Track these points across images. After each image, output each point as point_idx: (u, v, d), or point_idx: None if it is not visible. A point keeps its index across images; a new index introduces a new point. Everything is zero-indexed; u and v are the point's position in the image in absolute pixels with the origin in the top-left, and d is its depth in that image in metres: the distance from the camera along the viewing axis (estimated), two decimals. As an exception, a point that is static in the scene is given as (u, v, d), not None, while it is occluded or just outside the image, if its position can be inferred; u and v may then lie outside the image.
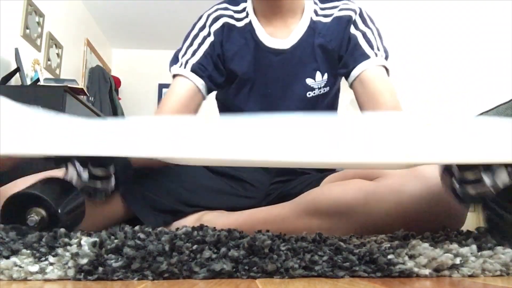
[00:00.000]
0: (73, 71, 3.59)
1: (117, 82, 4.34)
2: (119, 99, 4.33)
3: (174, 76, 0.91)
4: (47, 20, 3.02)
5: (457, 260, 0.42)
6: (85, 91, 2.91)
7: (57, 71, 3.22)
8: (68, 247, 0.41)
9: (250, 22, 0.93)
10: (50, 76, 3.02)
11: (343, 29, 0.90)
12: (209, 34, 0.92)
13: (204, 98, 0.92)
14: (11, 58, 2.46)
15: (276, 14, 0.92)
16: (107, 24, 4.17)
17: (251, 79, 0.93)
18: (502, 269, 0.42)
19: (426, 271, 0.41)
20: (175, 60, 0.92)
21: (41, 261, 0.40)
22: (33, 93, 2.28)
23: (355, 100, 0.90)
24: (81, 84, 3.54)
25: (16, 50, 2.42)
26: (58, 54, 3.23)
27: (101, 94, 3.82)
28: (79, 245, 0.40)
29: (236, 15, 0.94)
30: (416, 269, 0.41)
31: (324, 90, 0.92)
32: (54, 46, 3.15)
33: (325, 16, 0.94)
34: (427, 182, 0.63)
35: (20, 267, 0.39)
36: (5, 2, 2.45)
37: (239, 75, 0.92)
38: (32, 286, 0.37)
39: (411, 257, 0.42)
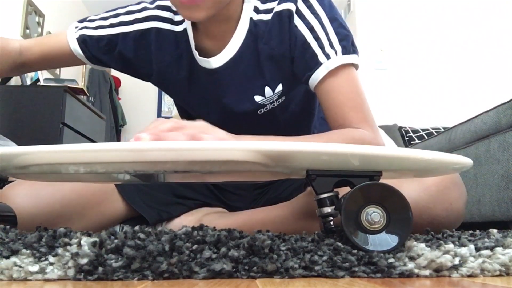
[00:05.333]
0: (73, 71, 3.59)
1: (117, 82, 4.34)
2: (119, 99, 4.34)
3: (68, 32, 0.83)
4: (47, 20, 3.02)
5: (456, 261, 0.42)
6: (85, 91, 2.92)
7: (57, 71, 3.22)
8: (68, 247, 0.40)
9: (185, 30, 0.79)
10: (50, 76, 3.02)
11: (287, 26, 0.73)
12: (129, 23, 0.80)
13: (83, 63, 0.87)
14: (11, 58, 2.46)
15: (211, 20, 0.72)
16: (107, 24, 4.17)
17: (190, 103, 0.85)
18: (501, 269, 0.42)
19: (426, 272, 0.41)
20: (81, 20, 0.85)
21: (41, 261, 0.40)
22: (33, 93, 2.28)
23: None
24: (81, 84, 3.54)
25: (16, 50, 2.42)
26: (58, 54, 3.23)
27: (101, 94, 3.83)
28: (79, 245, 0.40)
29: (176, 18, 0.80)
30: (416, 270, 0.41)
31: (279, 102, 0.79)
32: (54, 46, 3.15)
33: (267, 12, 0.76)
34: (423, 182, 0.63)
35: (20, 267, 0.39)
36: (5, 2, 2.45)
37: (173, 97, 0.88)
38: (32, 286, 0.37)
39: (411, 258, 0.43)
